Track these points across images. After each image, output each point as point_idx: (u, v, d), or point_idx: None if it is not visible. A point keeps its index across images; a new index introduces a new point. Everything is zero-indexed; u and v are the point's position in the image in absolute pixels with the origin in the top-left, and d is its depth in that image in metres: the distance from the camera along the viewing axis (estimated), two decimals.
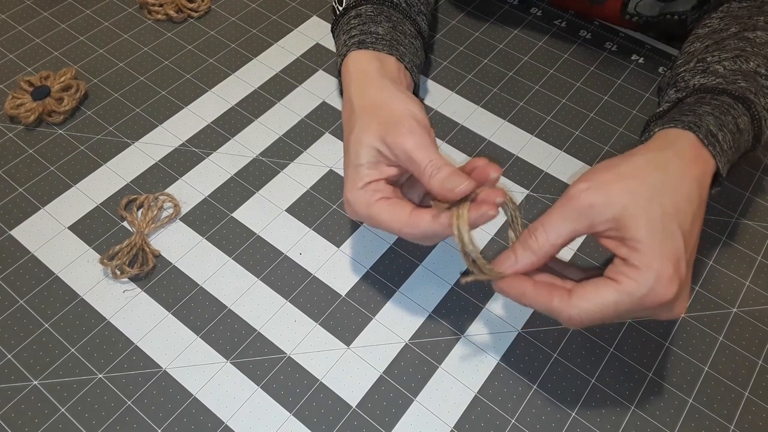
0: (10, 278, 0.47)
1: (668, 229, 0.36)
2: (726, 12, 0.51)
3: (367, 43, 0.47)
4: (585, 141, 0.57)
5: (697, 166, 0.39)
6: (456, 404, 0.43)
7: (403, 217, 0.39)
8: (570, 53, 0.64)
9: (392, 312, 0.47)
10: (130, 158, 0.54)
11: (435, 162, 0.38)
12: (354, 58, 0.47)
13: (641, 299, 0.35)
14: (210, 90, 0.59)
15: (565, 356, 0.45)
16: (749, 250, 0.51)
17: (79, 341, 0.45)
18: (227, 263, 0.49)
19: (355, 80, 0.45)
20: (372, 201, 0.40)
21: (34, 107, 0.56)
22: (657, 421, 0.42)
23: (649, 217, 0.36)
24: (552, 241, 0.37)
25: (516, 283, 0.38)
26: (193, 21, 0.65)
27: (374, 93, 0.43)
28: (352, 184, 0.40)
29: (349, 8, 0.51)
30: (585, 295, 0.36)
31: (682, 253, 0.36)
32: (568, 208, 0.37)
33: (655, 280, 0.35)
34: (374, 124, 0.40)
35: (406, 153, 0.39)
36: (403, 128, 0.39)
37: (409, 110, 0.41)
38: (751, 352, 0.45)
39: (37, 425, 0.41)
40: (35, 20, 0.65)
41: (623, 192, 0.37)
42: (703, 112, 0.42)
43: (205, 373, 0.44)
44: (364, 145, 0.40)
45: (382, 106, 0.42)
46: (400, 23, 0.51)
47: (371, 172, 0.40)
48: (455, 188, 0.37)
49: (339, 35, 0.51)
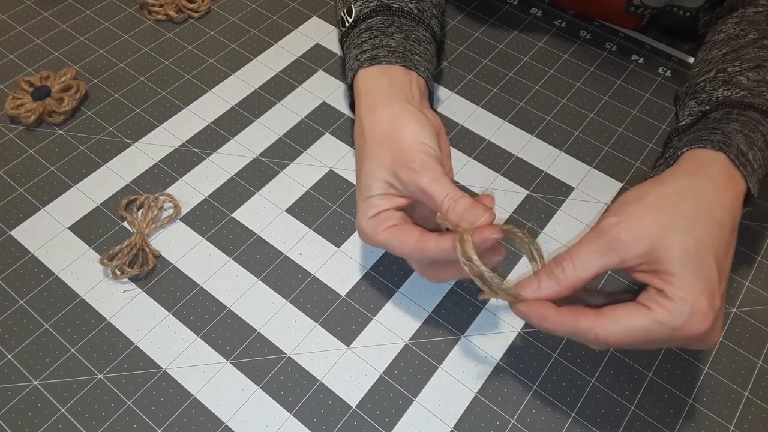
0: (11, 278, 0.47)
1: (703, 261, 0.35)
2: (741, 17, 0.50)
3: (379, 58, 0.46)
4: (585, 141, 0.57)
5: (729, 191, 0.39)
6: (456, 404, 0.43)
7: (410, 242, 0.39)
8: (570, 53, 0.64)
9: (392, 312, 0.47)
10: (130, 158, 0.54)
11: (451, 196, 0.38)
12: (363, 78, 0.46)
13: (673, 331, 0.35)
14: (210, 90, 0.59)
15: (565, 356, 0.45)
16: (749, 250, 0.51)
17: (79, 341, 0.45)
18: (227, 263, 0.49)
19: (365, 101, 0.45)
20: (381, 229, 0.40)
21: (34, 107, 0.56)
22: (657, 421, 0.42)
23: (682, 250, 0.35)
24: (579, 274, 0.37)
25: (537, 306, 0.37)
26: (193, 21, 0.65)
27: (385, 122, 0.42)
28: (363, 214, 0.41)
29: (359, 21, 0.50)
30: (616, 318, 0.35)
31: (716, 285, 0.35)
32: (598, 242, 0.37)
33: (689, 314, 0.34)
34: (387, 158, 0.41)
35: (421, 189, 0.39)
36: (415, 164, 0.39)
37: (420, 141, 0.41)
38: (751, 352, 0.45)
39: (37, 425, 0.41)
40: (35, 20, 0.65)
41: (655, 226, 0.36)
42: (731, 129, 0.41)
43: (205, 373, 0.44)
44: (377, 179, 0.41)
45: (393, 138, 0.41)
46: (413, 31, 0.50)
47: (382, 202, 0.41)
48: (476, 222, 0.37)
49: (350, 48, 0.50)
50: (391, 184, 0.40)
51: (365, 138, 0.43)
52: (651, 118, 0.59)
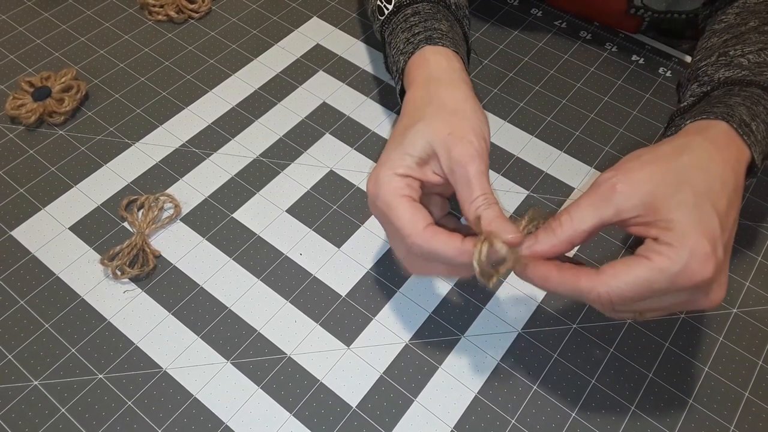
0: (11, 279, 0.47)
1: (702, 208, 0.35)
2: (742, 8, 0.50)
3: (434, 39, 0.45)
4: (585, 141, 0.57)
5: (730, 152, 0.38)
6: (456, 404, 0.43)
7: (418, 225, 0.37)
8: (570, 54, 0.64)
9: (392, 312, 0.47)
10: (130, 159, 0.54)
11: (489, 197, 0.37)
12: (421, 57, 0.44)
13: (675, 277, 0.34)
14: (210, 90, 0.60)
15: (565, 356, 0.45)
16: (749, 251, 0.51)
17: (79, 342, 0.45)
18: (227, 264, 0.49)
19: (426, 77, 0.43)
20: (399, 192, 0.38)
21: (34, 108, 0.56)
22: (657, 421, 0.42)
23: (679, 198, 0.35)
24: (576, 227, 0.36)
25: (539, 267, 0.36)
26: (193, 22, 0.65)
27: (456, 98, 0.41)
28: (391, 166, 0.38)
29: (403, 6, 0.49)
30: (615, 273, 0.35)
31: (719, 233, 0.34)
32: (594, 195, 0.36)
33: (689, 255, 0.34)
34: (445, 129, 0.39)
35: (465, 175, 0.37)
36: (472, 149, 0.38)
37: (482, 130, 0.39)
38: (751, 352, 0.45)
39: (38, 425, 0.41)
40: (36, 21, 0.65)
41: (651, 176, 0.36)
42: (734, 102, 0.41)
43: (206, 373, 0.44)
44: (426, 141, 0.39)
45: (458, 113, 0.40)
46: (454, 24, 0.49)
47: (416, 168, 0.39)
48: (504, 235, 0.36)
49: (395, 33, 0.49)
50: (437, 155, 0.39)
51: (430, 103, 0.41)
52: (651, 119, 0.59)
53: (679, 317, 0.47)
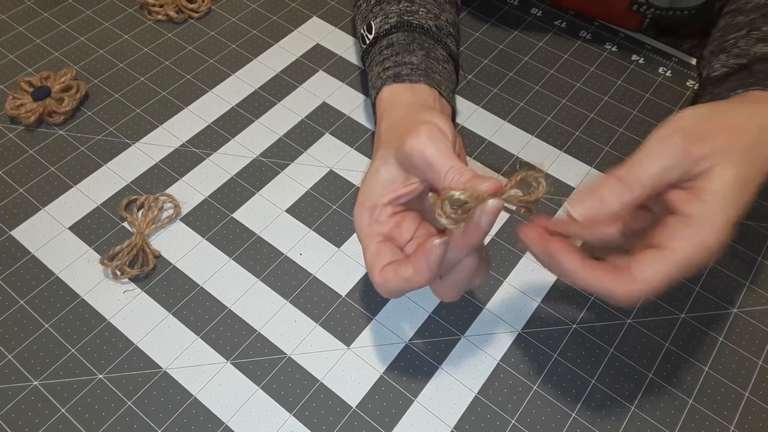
0: (11, 279, 0.47)
1: (740, 198, 0.35)
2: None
3: (402, 76, 0.45)
4: (585, 141, 0.57)
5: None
6: (456, 404, 0.43)
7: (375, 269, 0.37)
8: (570, 54, 0.64)
9: (392, 312, 0.47)
10: (130, 159, 0.54)
11: (457, 168, 0.35)
12: (388, 93, 0.45)
13: (691, 261, 0.34)
14: (210, 90, 0.60)
15: (565, 356, 0.45)
16: (749, 251, 0.51)
17: (79, 342, 0.45)
18: (227, 264, 0.49)
19: (387, 111, 0.44)
20: (365, 231, 0.38)
21: (34, 108, 0.56)
22: (657, 421, 0.42)
23: (734, 175, 0.34)
24: (651, 171, 0.34)
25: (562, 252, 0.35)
26: (193, 21, 0.65)
27: (402, 114, 0.41)
28: (362, 201, 0.39)
29: (380, 37, 0.49)
30: (646, 279, 0.34)
31: (736, 218, 0.34)
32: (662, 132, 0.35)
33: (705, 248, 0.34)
34: (396, 141, 0.38)
35: (425, 159, 0.36)
36: (422, 135, 0.37)
37: (433, 121, 0.38)
38: (751, 352, 0.45)
39: (38, 426, 0.41)
40: (35, 21, 0.65)
41: (727, 138, 0.35)
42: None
43: (206, 373, 0.44)
44: (385, 162, 0.38)
45: (406, 120, 0.40)
46: (433, 49, 0.49)
47: (385, 190, 0.38)
48: (478, 187, 0.33)
49: (372, 66, 0.49)
50: (400, 169, 0.38)
51: (381, 132, 0.41)
52: (652, 118, 0.59)
53: (679, 317, 0.47)
